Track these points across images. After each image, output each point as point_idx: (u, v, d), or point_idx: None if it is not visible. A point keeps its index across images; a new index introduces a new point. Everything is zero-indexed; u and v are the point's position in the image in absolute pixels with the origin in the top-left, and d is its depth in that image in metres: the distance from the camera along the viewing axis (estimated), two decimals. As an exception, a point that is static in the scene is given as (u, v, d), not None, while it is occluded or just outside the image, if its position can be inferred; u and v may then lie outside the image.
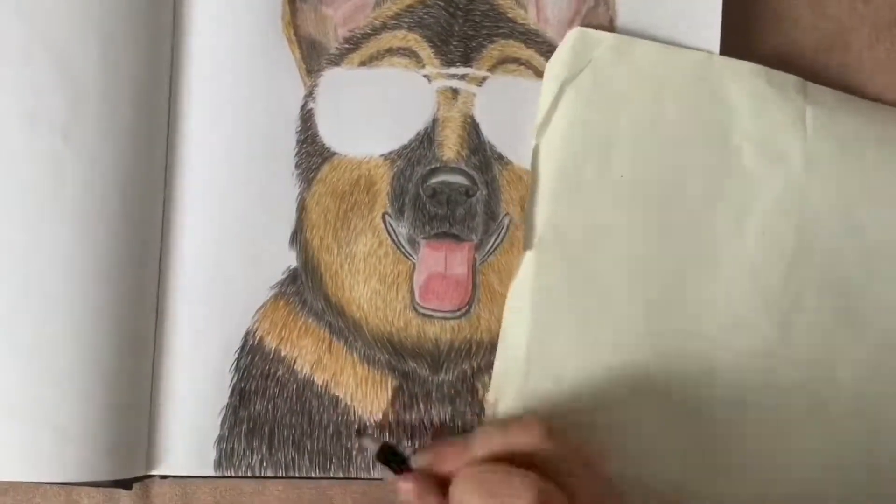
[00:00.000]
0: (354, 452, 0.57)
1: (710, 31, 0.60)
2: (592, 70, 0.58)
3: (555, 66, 0.58)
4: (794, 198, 0.59)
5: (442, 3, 0.58)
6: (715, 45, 0.59)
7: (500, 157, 0.58)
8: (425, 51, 0.58)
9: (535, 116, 0.58)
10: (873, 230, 0.59)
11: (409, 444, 0.57)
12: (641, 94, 0.58)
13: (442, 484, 0.50)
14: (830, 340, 0.59)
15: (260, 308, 0.57)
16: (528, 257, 0.57)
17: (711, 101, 0.59)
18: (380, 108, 0.58)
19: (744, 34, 0.62)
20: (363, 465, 0.57)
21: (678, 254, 0.58)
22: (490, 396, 0.57)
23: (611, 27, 0.59)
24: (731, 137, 0.59)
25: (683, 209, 0.58)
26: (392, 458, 0.53)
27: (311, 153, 0.57)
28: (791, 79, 0.60)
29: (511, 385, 0.56)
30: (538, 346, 0.56)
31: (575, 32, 0.58)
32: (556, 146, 0.58)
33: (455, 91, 0.58)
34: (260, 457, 0.56)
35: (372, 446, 0.55)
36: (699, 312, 0.58)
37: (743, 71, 0.59)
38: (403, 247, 0.58)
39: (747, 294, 0.58)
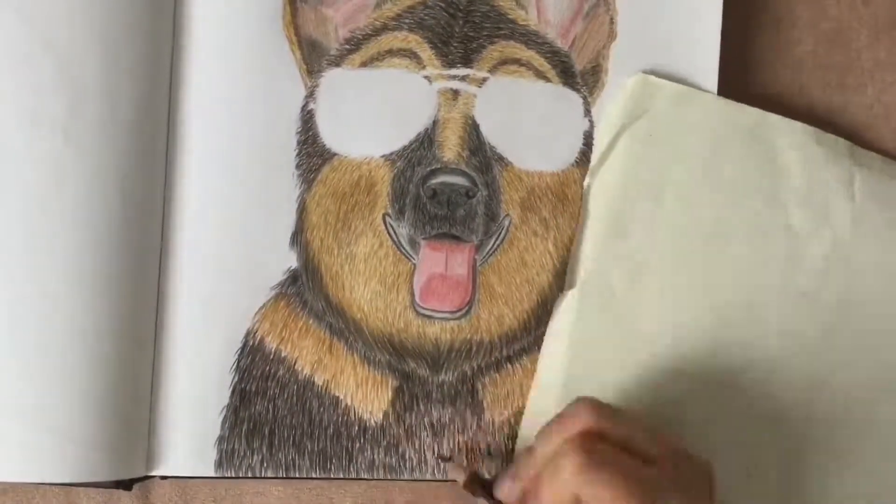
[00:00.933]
0: (355, 453, 0.57)
1: (709, 29, 0.60)
2: (650, 118, 0.58)
3: (614, 110, 0.59)
4: (840, 259, 0.59)
5: (442, 5, 0.58)
6: (715, 44, 0.60)
7: (501, 158, 0.58)
8: (426, 52, 0.58)
9: (535, 117, 0.58)
10: None
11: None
12: (696, 145, 0.59)
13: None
14: (865, 403, 0.59)
15: (260, 309, 0.57)
16: (569, 299, 0.58)
17: (763, 158, 0.59)
18: (380, 109, 0.58)
19: (743, 33, 0.62)
20: (363, 466, 0.57)
21: (721, 308, 0.58)
22: (522, 433, 0.58)
23: (611, 27, 0.59)
24: (779, 195, 0.59)
25: (729, 264, 0.58)
26: (476, 482, 0.54)
27: (312, 154, 0.57)
28: (840, 141, 0.61)
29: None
30: (572, 394, 0.55)
31: (637, 78, 0.59)
32: (608, 189, 0.58)
33: (455, 92, 0.58)
34: (260, 457, 0.56)
35: (460, 476, 0.55)
36: (741, 367, 0.58)
37: (795, 130, 0.60)
38: (404, 247, 0.58)
39: (788, 353, 0.58)
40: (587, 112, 0.59)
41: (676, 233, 0.58)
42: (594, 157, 0.59)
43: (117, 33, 0.54)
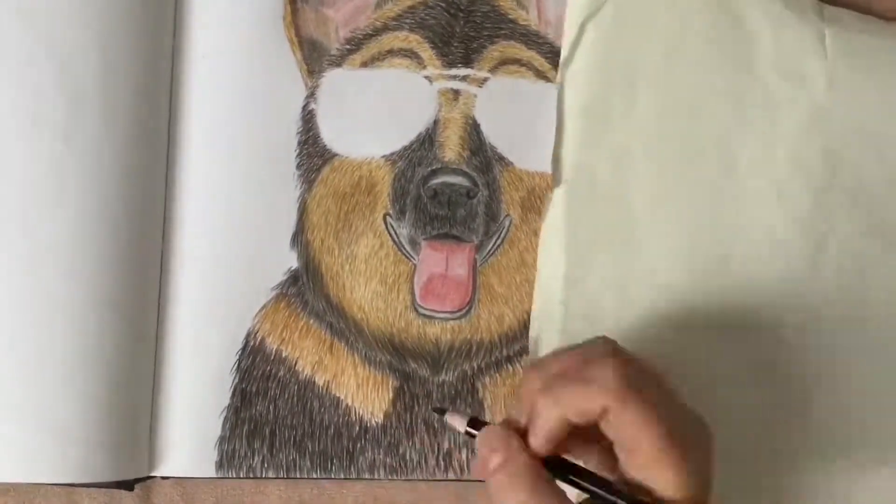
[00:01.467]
0: (356, 453, 0.57)
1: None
2: (614, 3, 0.58)
3: (576, 4, 0.58)
4: (819, 120, 0.59)
5: (443, 5, 0.58)
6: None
7: (501, 158, 0.58)
8: (426, 52, 0.58)
9: (536, 117, 0.58)
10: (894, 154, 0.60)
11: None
12: (663, 25, 0.58)
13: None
14: (861, 258, 0.59)
15: (261, 309, 0.57)
16: (558, 195, 0.58)
17: (732, 28, 0.59)
18: (381, 110, 0.58)
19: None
20: (364, 466, 0.57)
21: (708, 183, 0.58)
22: (531, 334, 0.58)
23: (611, 28, 0.59)
24: (753, 63, 0.59)
25: (711, 137, 0.58)
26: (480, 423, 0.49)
27: (313, 154, 0.57)
28: (808, 1, 0.60)
29: (550, 324, 0.57)
30: (574, 284, 0.56)
31: None
32: (580, 83, 0.58)
33: (456, 92, 0.58)
34: (261, 458, 0.57)
35: (461, 423, 0.49)
36: (732, 240, 0.58)
37: None
38: (404, 248, 0.58)
39: (779, 218, 0.58)
40: (588, 112, 0.59)
41: (654, 114, 0.58)
42: (563, 51, 0.58)
43: (117, 35, 0.54)
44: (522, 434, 0.46)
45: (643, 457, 0.44)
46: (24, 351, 0.53)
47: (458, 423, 0.49)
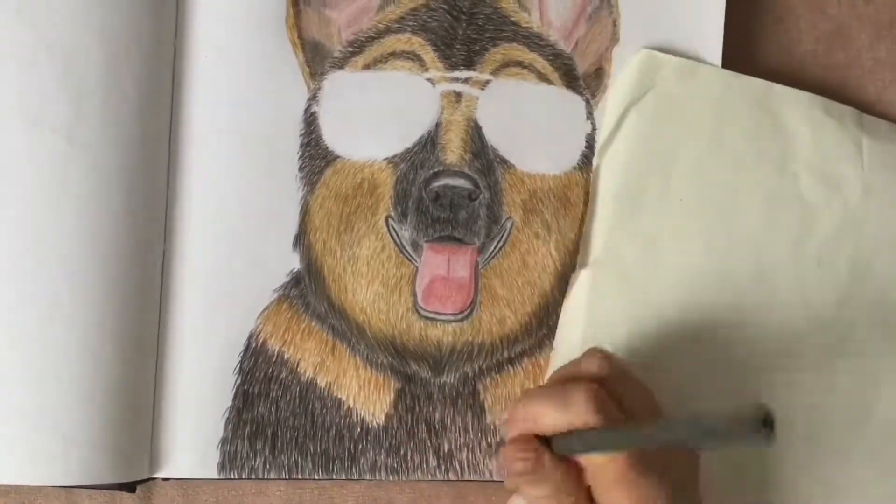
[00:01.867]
0: (357, 455, 0.57)
1: (712, 32, 0.60)
2: (656, 93, 0.58)
3: (619, 88, 0.58)
4: (852, 227, 0.59)
5: (445, 7, 0.58)
6: (717, 45, 0.60)
7: (503, 161, 0.58)
8: (429, 54, 0.58)
9: (538, 120, 0.58)
10: None
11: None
12: (703, 118, 0.59)
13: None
14: (874, 372, 0.59)
15: (263, 311, 0.57)
16: (584, 276, 0.58)
17: (771, 128, 0.59)
18: (383, 112, 0.58)
19: (745, 35, 0.62)
20: (366, 468, 0.57)
21: (734, 279, 0.58)
22: None
23: (614, 30, 0.59)
24: (788, 165, 0.59)
25: (741, 234, 0.58)
26: None
27: (315, 156, 0.57)
28: (848, 110, 0.60)
29: None
30: None
31: (642, 54, 0.59)
32: (617, 168, 0.58)
33: (458, 94, 0.58)
34: (263, 459, 0.57)
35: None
36: (753, 337, 0.58)
37: (802, 100, 0.60)
38: (406, 250, 0.58)
39: (801, 321, 0.58)
40: (590, 115, 0.59)
41: (687, 207, 0.58)
42: (602, 136, 0.59)
43: (120, 36, 0.54)
44: None
45: (606, 483, 0.47)
46: (26, 352, 0.53)
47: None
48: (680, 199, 0.58)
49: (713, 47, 0.60)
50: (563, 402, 0.48)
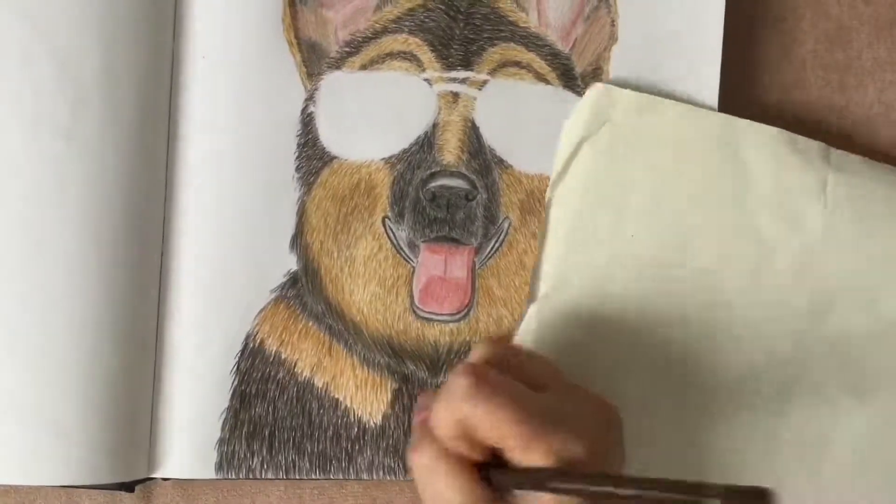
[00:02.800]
0: (354, 454, 0.57)
1: (711, 32, 0.59)
2: (611, 128, 0.58)
3: (574, 122, 0.58)
4: (811, 265, 0.58)
5: (443, 7, 0.58)
6: (717, 45, 0.59)
7: (500, 161, 0.58)
8: (426, 55, 0.58)
9: (535, 120, 0.58)
10: (888, 307, 0.59)
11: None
12: (660, 153, 0.58)
13: None
14: (831, 409, 0.58)
15: (260, 311, 0.57)
16: (531, 312, 0.57)
17: (731, 164, 0.58)
18: (380, 112, 0.57)
19: (746, 34, 0.62)
20: (363, 467, 0.57)
21: (682, 317, 0.58)
22: None
23: (612, 30, 0.59)
24: (747, 202, 0.58)
25: (695, 270, 0.58)
26: None
27: (312, 157, 0.57)
28: (815, 145, 0.59)
29: None
30: None
31: (596, 89, 0.58)
32: (569, 202, 0.58)
33: (455, 95, 0.58)
34: (260, 459, 0.57)
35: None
36: (707, 372, 0.58)
37: (764, 135, 0.58)
38: (403, 250, 0.58)
39: (757, 357, 0.58)
40: (587, 115, 0.59)
41: (640, 242, 0.58)
42: (554, 171, 0.58)
43: (118, 36, 0.54)
44: None
45: (514, 448, 0.46)
46: (25, 352, 0.53)
47: None
48: (632, 235, 0.57)
49: (713, 47, 0.59)
50: (446, 390, 0.47)
